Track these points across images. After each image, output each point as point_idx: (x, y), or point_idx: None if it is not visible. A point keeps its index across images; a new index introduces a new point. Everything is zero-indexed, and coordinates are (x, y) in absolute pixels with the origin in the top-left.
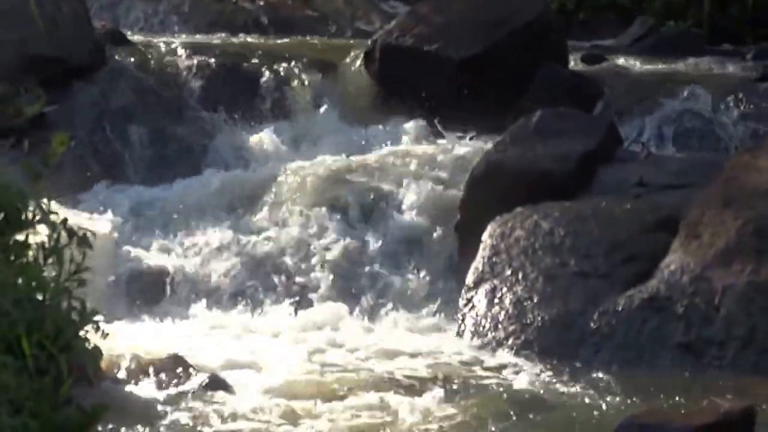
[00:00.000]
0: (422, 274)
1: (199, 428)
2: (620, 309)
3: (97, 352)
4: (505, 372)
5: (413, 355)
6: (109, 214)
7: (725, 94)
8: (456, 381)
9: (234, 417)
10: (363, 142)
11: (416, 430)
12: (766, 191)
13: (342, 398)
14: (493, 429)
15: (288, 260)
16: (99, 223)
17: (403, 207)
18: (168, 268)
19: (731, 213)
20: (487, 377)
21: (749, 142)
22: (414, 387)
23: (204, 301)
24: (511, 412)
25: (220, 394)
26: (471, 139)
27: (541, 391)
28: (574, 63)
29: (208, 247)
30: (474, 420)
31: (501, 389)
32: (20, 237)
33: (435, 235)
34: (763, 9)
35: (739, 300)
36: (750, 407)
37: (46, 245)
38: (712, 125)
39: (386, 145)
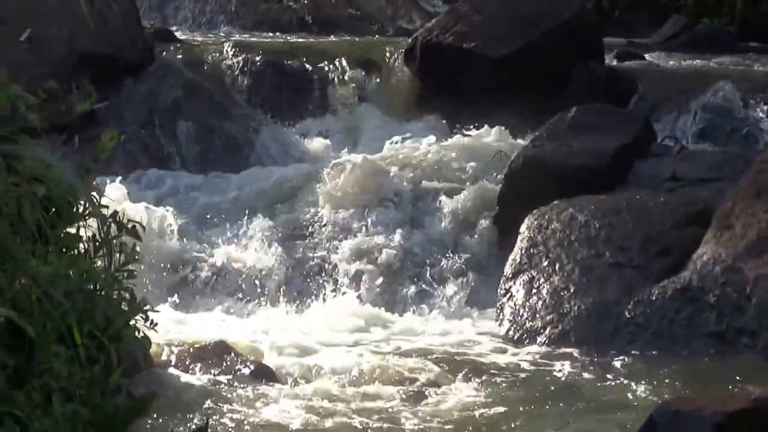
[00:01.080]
0: (462, 265)
1: (246, 416)
2: (654, 299)
3: (145, 340)
4: (542, 360)
5: (453, 344)
6: (157, 206)
7: (756, 90)
8: (494, 369)
9: (280, 405)
10: (404, 137)
11: (456, 416)
12: None
13: (384, 386)
14: (529, 415)
15: (331, 251)
16: (147, 214)
17: (444, 200)
18: (214, 257)
19: (762, 205)
20: (525, 365)
21: None
22: (454, 375)
23: (248, 291)
24: (547, 399)
25: (265, 383)
26: (507, 134)
27: (577, 379)
28: (609, 60)
29: (251, 238)
30: (510, 406)
31: (538, 377)
32: (71, 230)
33: (475, 227)
34: None
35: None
36: None
37: (97, 238)
38: (743, 120)
39: (427, 139)
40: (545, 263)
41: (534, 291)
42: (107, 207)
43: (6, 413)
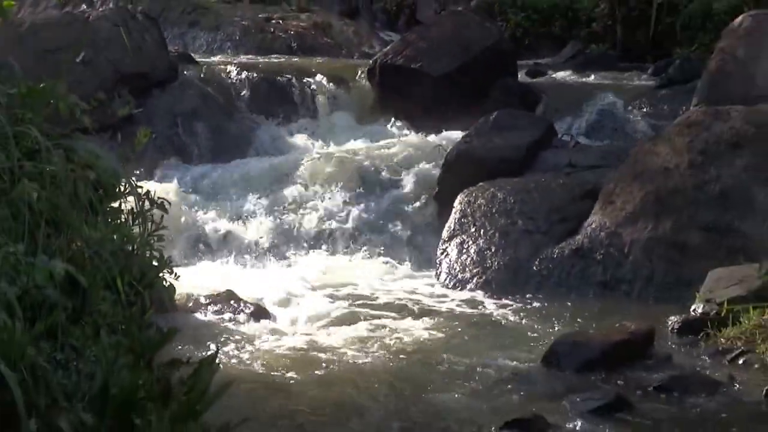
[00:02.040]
0: (409, 231)
1: (247, 346)
2: (555, 257)
3: (171, 289)
4: (470, 303)
5: (403, 291)
6: (179, 187)
7: (632, 98)
8: (435, 310)
9: (273, 337)
10: (366, 135)
11: (404, 343)
12: (663, 169)
13: (352, 323)
14: (460, 344)
15: (312, 223)
16: (172, 193)
17: (396, 182)
18: (223, 225)
19: (637, 185)
20: (456, 307)
21: (650, 133)
22: (405, 314)
23: (249, 251)
24: (474, 332)
25: (263, 321)
26: (445, 132)
27: (497, 317)
28: (521, 76)
29: (251, 211)
30: (447, 337)
31: (467, 315)
32: (115, 205)
33: (420, 202)
34: (660, 36)
35: (642, 249)
36: (650, 328)
37: (134, 210)
38: (623, 121)
39: (383, 137)
40: (473, 229)
41: (464, 250)
42: (142, 187)
43: (66, 343)
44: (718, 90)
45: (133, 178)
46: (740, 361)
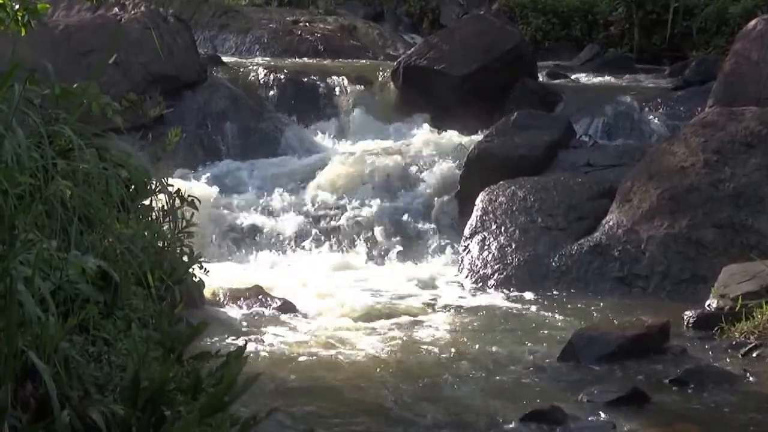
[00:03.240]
0: (432, 228)
1: (274, 339)
2: (573, 253)
3: (201, 284)
4: (491, 298)
5: (426, 287)
6: (208, 184)
7: (649, 99)
8: (456, 304)
9: (300, 331)
10: (389, 134)
11: (425, 338)
12: (679, 168)
13: (376, 318)
14: (482, 338)
15: (338, 218)
16: (202, 191)
17: (419, 180)
18: (251, 222)
19: (653, 184)
20: (479, 302)
21: (666, 133)
22: (425, 309)
23: (276, 247)
24: (496, 326)
25: (289, 314)
26: (467, 132)
27: (517, 311)
28: (541, 78)
29: (279, 208)
30: (469, 331)
31: (489, 310)
32: (146, 202)
33: (442, 200)
34: (676, 39)
35: (658, 246)
36: (666, 322)
37: (165, 208)
38: (640, 122)
39: (406, 136)
40: (494, 227)
41: (485, 247)
42: (172, 185)
43: (98, 336)
44: (733, 91)
45: (164, 177)
46: (754, 355)
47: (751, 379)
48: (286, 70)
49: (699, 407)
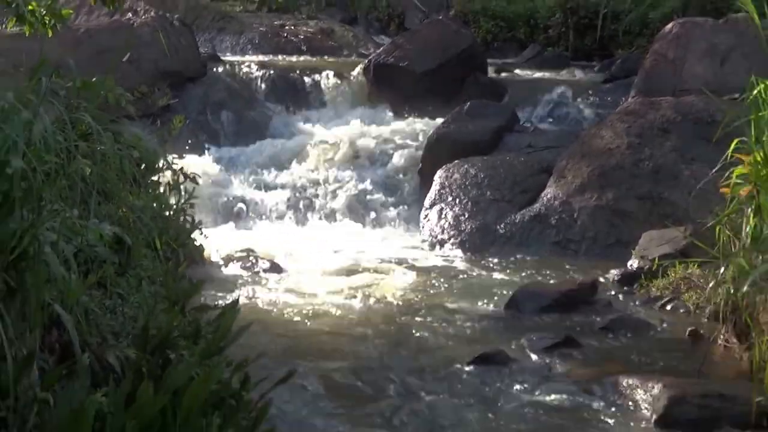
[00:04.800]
0: (397, 200)
1: (263, 294)
2: (517, 221)
3: (201, 247)
4: (446, 260)
5: (393, 249)
6: (211, 163)
7: (581, 91)
8: (417, 264)
9: (285, 287)
10: (362, 121)
11: (392, 293)
12: (606, 149)
13: (352, 273)
14: (438, 292)
15: (318, 192)
16: (204, 169)
17: (387, 159)
18: (244, 196)
19: (585, 163)
20: (436, 263)
21: (595, 120)
22: (392, 268)
23: (266, 216)
24: (450, 283)
25: (276, 274)
26: (427, 119)
27: (469, 271)
28: (490, 73)
29: (268, 183)
30: (426, 285)
31: (445, 270)
32: (154, 178)
33: (406, 177)
34: (605, 40)
35: (589, 215)
36: (594, 280)
37: (171, 183)
38: (573, 110)
39: (377, 123)
40: (450, 198)
41: (443, 216)
42: (176, 163)
43: (113, 291)
44: (652, 84)
45: (171, 157)
46: (668, 307)
47: (665, 326)
48: (274, 67)
49: (622, 350)
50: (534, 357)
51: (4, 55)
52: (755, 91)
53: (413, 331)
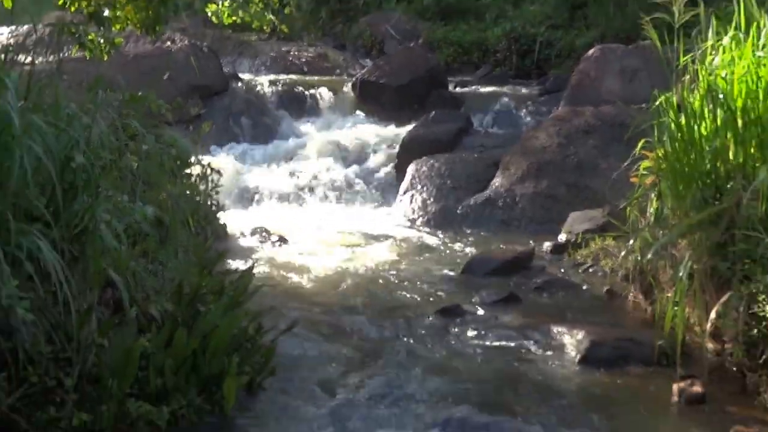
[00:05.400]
0: (378, 187)
1: (273, 261)
2: (472, 204)
3: (224, 225)
4: (416, 234)
5: (373, 225)
6: (232, 158)
7: (522, 102)
8: (393, 237)
9: (290, 255)
10: (350, 126)
11: (374, 259)
12: (541, 148)
13: (342, 245)
14: (408, 258)
15: (316, 180)
16: (227, 163)
17: (370, 156)
18: (258, 184)
19: (524, 158)
20: (408, 236)
21: (533, 124)
22: (374, 240)
23: (275, 200)
24: (418, 251)
25: (283, 245)
26: (402, 124)
27: (434, 242)
28: (450, 88)
29: (277, 174)
30: (400, 252)
31: (413, 241)
32: (188, 171)
33: (386, 169)
34: (541, 62)
35: (527, 199)
36: (532, 249)
37: (200, 174)
38: (515, 117)
39: (362, 127)
40: (419, 186)
41: (413, 200)
42: (204, 159)
43: (155, 259)
44: (577, 97)
45: (200, 154)
46: (589, 271)
47: (586, 286)
48: (281, 83)
49: (553, 304)
50: (484, 310)
51: (69, 75)
52: (657, 102)
53: (389, 289)
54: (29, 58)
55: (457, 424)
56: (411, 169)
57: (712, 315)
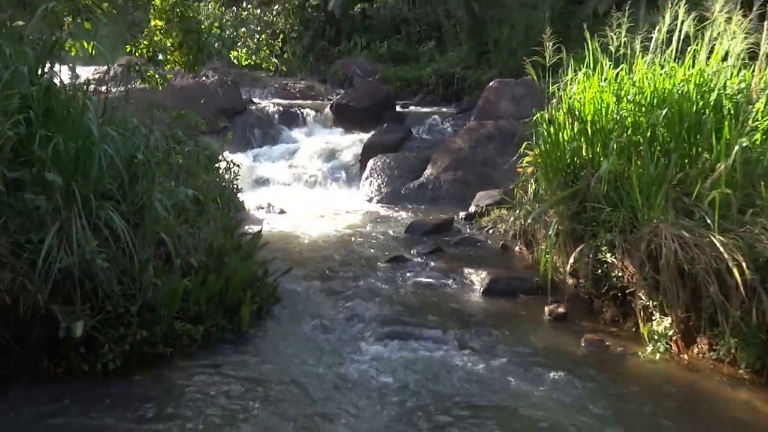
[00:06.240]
0: (349, 175)
1: (276, 226)
2: (412, 187)
3: (242, 202)
4: (374, 208)
5: (345, 202)
6: (247, 157)
7: (445, 118)
8: (358, 210)
9: (287, 222)
10: (330, 135)
11: (345, 224)
12: (457, 149)
13: (323, 214)
14: (369, 224)
15: (307, 173)
16: (244, 160)
17: (344, 154)
18: (265, 174)
19: (446, 156)
20: (369, 209)
21: (452, 133)
22: (345, 212)
23: (277, 185)
24: (375, 219)
25: (283, 215)
26: (364, 134)
27: (386, 213)
28: (398, 109)
29: (278, 167)
30: (363, 220)
31: (372, 213)
32: (216, 165)
33: (353, 164)
34: (458, 91)
35: (449, 184)
36: (451, 217)
37: (225, 167)
38: (441, 128)
39: (336, 136)
40: (376, 175)
41: (371, 185)
42: (228, 157)
43: (194, 225)
44: (482, 114)
45: (226, 153)
46: (490, 232)
47: (488, 242)
48: (282, 105)
49: (465, 255)
50: (419, 258)
51: (134, 100)
52: (535, 118)
53: (356, 244)
54: (105, 88)
55: (400, 332)
56: (370, 163)
57: (571, 260)
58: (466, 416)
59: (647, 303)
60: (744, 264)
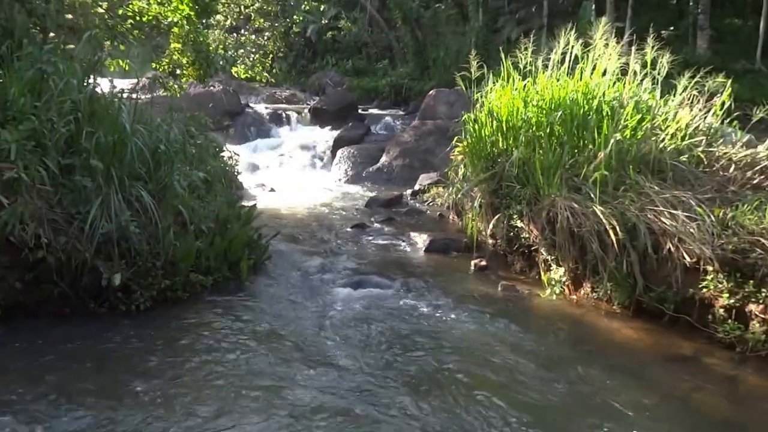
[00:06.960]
0: (323, 162)
1: (267, 201)
2: (372, 170)
3: (241, 183)
4: (343, 187)
5: (321, 182)
6: (246, 149)
7: (396, 118)
8: (329, 189)
9: (277, 198)
10: (308, 132)
11: (320, 198)
12: (406, 141)
13: (304, 192)
14: (338, 199)
15: (294, 162)
16: (243, 150)
17: (320, 145)
18: (260, 162)
19: (397, 147)
20: (339, 188)
21: (401, 130)
22: (321, 189)
23: (268, 169)
24: (343, 195)
25: (273, 192)
26: (335, 130)
27: (352, 190)
28: (360, 111)
29: (269, 157)
30: (333, 197)
31: (341, 190)
32: (221, 154)
33: (327, 153)
34: (406, 97)
35: (399, 168)
36: (402, 194)
37: (228, 156)
38: (393, 126)
39: (314, 132)
40: (343, 162)
41: (341, 169)
42: (230, 149)
43: (204, 199)
44: (425, 115)
45: (228, 146)
46: (430, 204)
47: (429, 212)
48: (272, 108)
49: (412, 222)
50: (377, 225)
51: (157, 104)
52: (463, 118)
53: (328, 213)
54: (135, 96)
55: (362, 279)
56: (339, 153)
57: (491, 225)
58: (410, 338)
59: (547, 257)
60: (617, 227)
